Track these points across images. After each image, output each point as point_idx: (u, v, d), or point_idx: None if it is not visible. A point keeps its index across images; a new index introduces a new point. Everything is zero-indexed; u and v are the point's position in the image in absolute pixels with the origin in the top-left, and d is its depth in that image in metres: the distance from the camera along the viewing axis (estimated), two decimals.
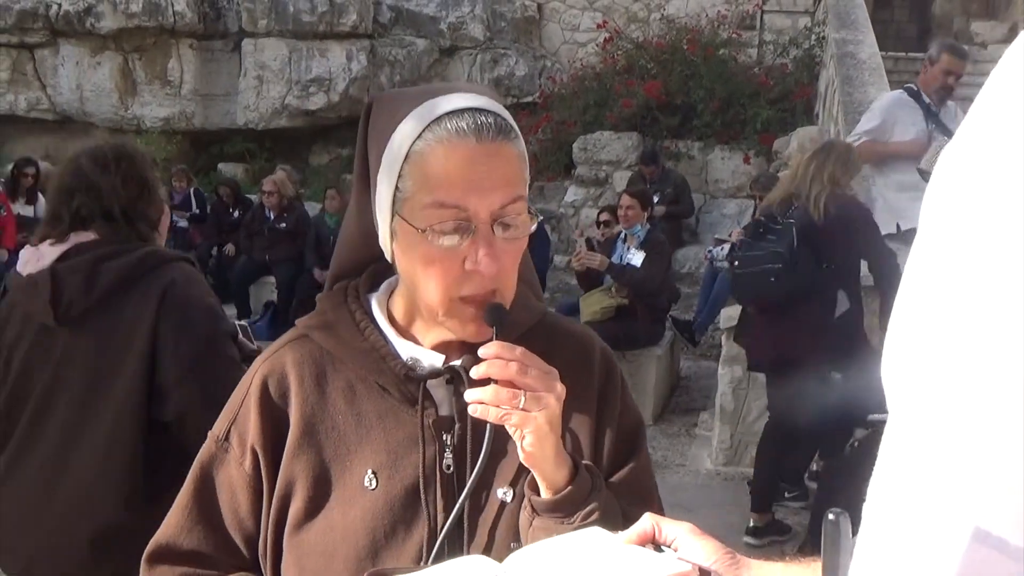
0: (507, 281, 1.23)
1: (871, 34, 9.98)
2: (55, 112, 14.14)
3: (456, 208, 1.17)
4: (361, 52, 13.72)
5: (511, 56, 14.18)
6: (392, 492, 1.24)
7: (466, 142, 1.18)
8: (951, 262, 0.52)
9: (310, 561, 1.24)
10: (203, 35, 13.85)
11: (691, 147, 11.85)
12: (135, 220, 2.36)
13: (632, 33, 13.39)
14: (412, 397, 1.26)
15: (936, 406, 0.52)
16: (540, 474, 1.19)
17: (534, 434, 1.15)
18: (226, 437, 1.30)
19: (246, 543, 1.30)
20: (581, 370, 1.32)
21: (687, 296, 9.04)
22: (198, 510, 1.30)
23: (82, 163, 2.35)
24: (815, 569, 1.00)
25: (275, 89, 13.62)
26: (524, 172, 1.24)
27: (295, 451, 1.26)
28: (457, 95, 1.22)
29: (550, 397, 1.15)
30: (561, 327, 1.39)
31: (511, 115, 1.26)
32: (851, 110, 8.08)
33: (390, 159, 1.22)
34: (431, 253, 1.19)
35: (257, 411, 1.28)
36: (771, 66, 12.54)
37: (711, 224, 10.93)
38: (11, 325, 2.32)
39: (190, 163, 13.25)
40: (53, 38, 13.90)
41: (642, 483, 1.33)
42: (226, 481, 1.30)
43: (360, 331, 1.30)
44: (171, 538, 1.31)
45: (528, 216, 1.22)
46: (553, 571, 1.05)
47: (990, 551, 0.50)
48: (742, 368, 6.10)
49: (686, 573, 1.04)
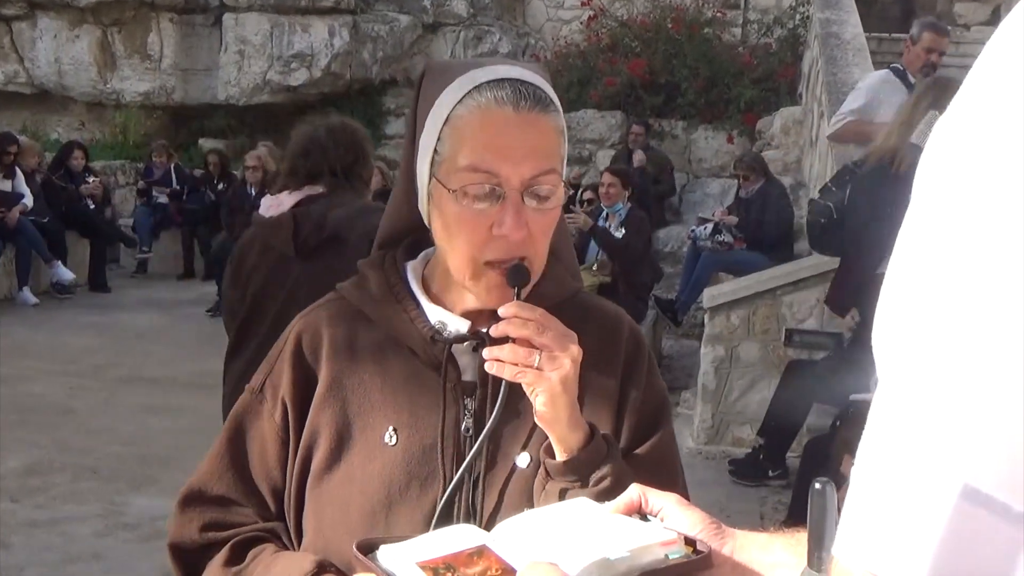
0: (536, 250, 1.25)
1: (855, 14, 9.97)
2: (33, 86, 13.96)
3: (488, 173, 1.21)
4: (343, 28, 13.60)
5: (495, 33, 14.09)
6: (410, 450, 1.27)
7: (503, 110, 1.22)
8: (944, 232, 0.53)
9: (328, 511, 1.28)
10: (183, 9, 13.69)
11: (674, 126, 11.85)
12: (352, 179, 2.99)
13: (616, 11, 13.33)
14: (437, 360, 1.30)
15: (927, 368, 0.53)
16: (554, 436, 1.22)
17: (547, 393, 1.17)
18: (261, 389, 1.36)
19: (272, 494, 1.34)
20: (608, 345, 1.35)
21: (669, 275, 9.05)
22: (229, 458, 1.35)
23: (319, 132, 3.00)
24: (799, 539, 1.02)
25: (256, 64, 13.49)
26: (560, 147, 1.27)
27: (321, 404, 1.31)
28: (503, 66, 1.27)
29: (565, 358, 1.17)
30: (593, 304, 1.42)
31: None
32: (835, 90, 8.07)
33: (432, 123, 1.26)
34: (461, 215, 1.23)
35: (290, 365, 1.33)
36: (755, 45, 12.54)
37: (694, 203, 10.93)
38: (250, 256, 2.93)
39: (170, 138, 13.12)
40: (31, 10, 13.71)
41: (664, 459, 1.34)
42: (258, 433, 1.34)
43: (393, 294, 1.34)
44: (202, 484, 1.36)
45: (562, 190, 1.26)
46: (540, 540, 1.06)
47: (978, 508, 0.50)
48: (724, 347, 6.12)
49: (672, 542, 1.05)
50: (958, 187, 0.54)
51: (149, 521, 4.72)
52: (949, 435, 0.52)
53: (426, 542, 1.11)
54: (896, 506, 0.53)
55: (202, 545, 1.34)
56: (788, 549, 1.05)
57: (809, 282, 6.17)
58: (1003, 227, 0.51)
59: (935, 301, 0.53)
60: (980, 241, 0.52)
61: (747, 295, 6.18)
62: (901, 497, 0.53)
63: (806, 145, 10.13)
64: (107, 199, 11.68)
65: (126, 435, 6.05)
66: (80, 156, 11.31)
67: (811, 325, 6.05)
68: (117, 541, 4.56)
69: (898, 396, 0.55)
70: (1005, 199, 0.51)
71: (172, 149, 12.41)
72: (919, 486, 0.52)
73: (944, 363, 0.52)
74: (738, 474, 5.54)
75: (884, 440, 0.55)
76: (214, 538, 1.34)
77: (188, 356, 8.05)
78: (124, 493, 5.10)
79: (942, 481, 0.52)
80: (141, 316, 9.53)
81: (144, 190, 11.97)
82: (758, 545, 1.09)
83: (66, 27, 13.73)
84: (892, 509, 0.54)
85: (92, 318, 9.30)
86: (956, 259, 0.53)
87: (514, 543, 1.07)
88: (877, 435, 0.56)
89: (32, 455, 5.55)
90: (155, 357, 8.01)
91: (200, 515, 1.35)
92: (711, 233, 8.43)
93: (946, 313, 0.53)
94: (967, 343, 0.52)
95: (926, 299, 0.54)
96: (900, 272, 0.56)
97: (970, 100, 0.56)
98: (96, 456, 5.62)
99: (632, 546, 1.03)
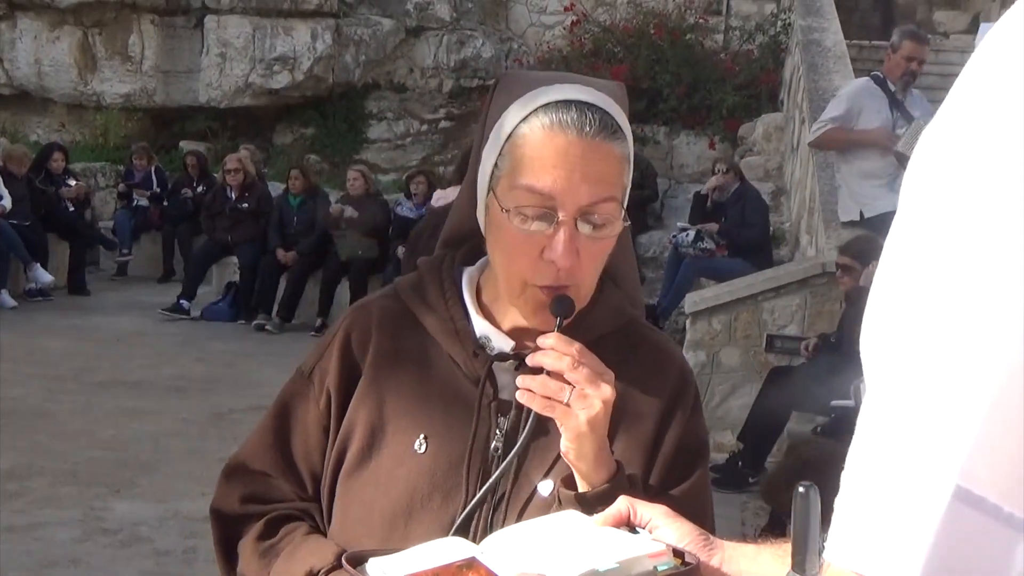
0: (584, 278, 1.23)
1: (836, 21, 10.04)
2: (12, 87, 13.85)
3: (544, 195, 1.19)
4: (326, 31, 13.56)
5: (477, 38, 14.09)
6: (438, 460, 1.27)
7: (566, 133, 1.20)
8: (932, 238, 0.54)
9: (352, 508, 1.30)
10: (165, 11, 13.62)
11: (657, 132, 11.88)
12: None
13: (599, 16, 13.37)
14: (477, 375, 1.29)
15: (916, 372, 0.53)
16: (577, 472, 1.20)
17: (573, 431, 1.16)
18: (310, 375, 1.37)
19: (311, 477, 1.36)
20: (652, 383, 1.32)
21: (651, 280, 9.07)
22: (273, 436, 1.38)
23: None
24: (787, 551, 1.02)
25: (238, 67, 13.44)
26: (624, 175, 1.25)
27: (360, 400, 1.32)
28: (573, 86, 1.25)
29: (596, 398, 1.15)
30: (646, 337, 1.39)
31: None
32: (816, 97, 8.12)
33: (496, 136, 1.26)
34: (512, 235, 1.22)
35: (338, 355, 1.34)
36: (737, 52, 12.59)
37: (676, 209, 10.96)
38: (421, 240, 3.38)
39: (151, 141, 13.04)
40: (10, 11, 13.60)
41: (697, 503, 1.30)
42: (303, 416, 1.36)
43: (444, 300, 1.33)
44: (247, 457, 1.40)
45: (620, 221, 1.23)
46: (529, 552, 1.06)
47: (970, 510, 0.51)
48: (706, 353, 6.14)
49: (660, 554, 1.05)
50: (946, 194, 0.54)
51: (129, 526, 4.69)
52: (940, 438, 0.52)
53: (416, 555, 1.11)
54: (888, 508, 0.54)
55: (241, 515, 1.38)
56: (776, 560, 1.06)
57: (790, 288, 6.20)
58: (992, 232, 0.51)
59: (925, 306, 0.54)
60: (969, 247, 0.52)
61: (729, 300, 6.21)
62: (893, 499, 0.54)
63: (787, 151, 10.18)
64: (87, 201, 11.60)
65: (105, 439, 6.01)
66: (60, 158, 11.22)
67: (792, 331, 6.08)
68: (96, 546, 4.52)
69: (888, 401, 0.55)
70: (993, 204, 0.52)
71: (153, 151, 12.34)
72: (911, 488, 0.53)
73: (934, 367, 0.53)
74: (718, 482, 5.56)
75: (875, 444, 0.56)
76: (253, 510, 1.37)
77: (168, 359, 8.01)
78: (103, 498, 5.06)
79: (934, 483, 0.52)
80: (121, 319, 9.47)
81: (124, 193, 11.90)
82: (747, 556, 1.10)
83: (46, 28, 13.63)
84: (884, 512, 0.54)
85: (71, 321, 9.24)
86: (945, 265, 0.53)
87: (504, 555, 1.07)
88: (867, 439, 0.56)
89: (10, 459, 5.50)
90: (135, 360, 7.96)
91: (242, 486, 1.39)
92: (694, 240, 8.46)
93: (936, 318, 0.53)
94: (956, 347, 0.52)
95: (915, 304, 0.54)
96: (888, 278, 0.57)
97: (956, 110, 0.56)
98: (75, 460, 5.58)
99: (621, 558, 1.03)
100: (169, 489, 5.12)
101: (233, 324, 9.58)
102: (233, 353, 8.29)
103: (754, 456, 5.55)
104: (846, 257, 5.39)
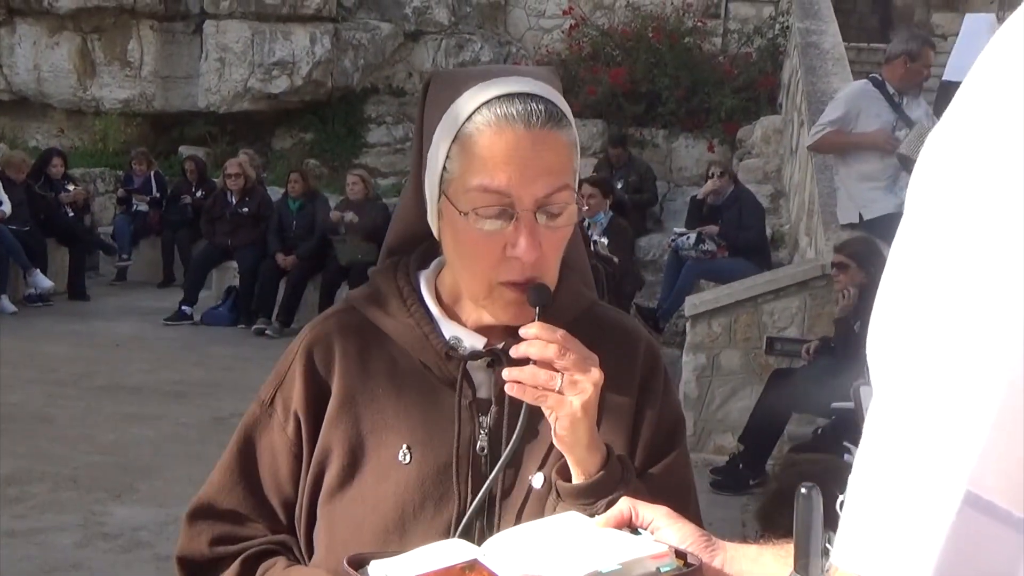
0: (548, 269, 1.23)
1: (834, 24, 10.05)
2: (11, 92, 13.85)
3: (499, 194, 1.18)
4: (325, 35, 13.57)
5: (476, 42, 14.10)
6: (425, 469, 1.25)
7: (514, 128, 1.19)
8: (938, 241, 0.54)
9: (339, 529, 1.26)
10: (164, 16, 13.62)
11: (655, 135, 11.88)
12: None
13: (598, 20, 13.37)
14: (452, 377, 1.27)
15: (925, 376, 0.53)
16: (572, 459, 1.20)
17: (568, 418, 1.15)
18: (271, 402, 1.33)
19: (283, 508, 1.32)
20: (624, 362, 1.32)
21: (650, 284, 9.07)
22: (239, 472, 1.33)
23: None
24: (789, 551, 1.02)
25: (237, 72, 13.44)
26: (573, 161, 1.25)
27: (334, 420, 1.28)
28: (512, 78, 1.24)
29: (587, 382, 1.15)
30: (608, 318, 1.39)
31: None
32: (815, 99, 8.13)
33: (440, 138, 1.23)
34: (473, 236, 1.20)
35: (302, 378, 1.30)
36: (736, 55, 12.59)
37: (675, 212, 10.96)
38: None
39: (150, 146, 13.04)
40: (9, 17, 13.61)
41: (677, 480, 1.32)
42: (268, 446, 1.32)
43: (406, 307, 1.30)
44: (212, 497, 1.34)
45: (575, 206, 1.24)
46: (531, 554, 1.06)
47: (980, 515, 0.51)
48: (706, 355, 6.13)
49: (662, 555, 1.05)
50: (952, 198, 0.54)
51: (129, 531, 4.69)
52: (950, 442, 0.52)
53: (417, 557, 1.10)
54: (897, 513, 0.53)
55: (211, 559, 1.33)
56: (779, 561, 1.06)
57: (790, 290, 6.20)
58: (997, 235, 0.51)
59: (931, 310, 0.54)
60: (975, 250, 0.52)
61: (729, 303, 6.21)
62: (902, 504, 0.53)
63: (786, 154, 10.19)
64: (87, 207, 11.61)
65: (106, 444, 6.00)
66: (59, 164, 11.22)
67: (792, 333, 6.08)
68: (97, 551, 4.52)
69: (896, 404, 0.55)
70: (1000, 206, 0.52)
71: (152, 157, 12.35)
72: (921, 493, 0.53)
73: (941, 371, 0.53)
74: (719, 484, 5.56)
75: (883, 448, 0.55)
76: (224, 552, 1.32)
77: (168, 364, 8.01)
78: (104, 503, 5.06)
79: (944, 488, 0.52)
80: (120, 324, 9.47)
81: (124, 198, 11.90)
82: (749, 557, 1.10)
83: (45, 34, 13.64)
84: (893, 516, 0.54)
85: (71, 326, 9.24)
86: (952, 268, 0.53)
87: (505, 557, 1.07)
88: (875, 443, 0.56)
89: (10, 464, 5.50)
90: (134, 365, 7.96)
91: (210, 529, 1.33)
92: (695, 243, 8.47)
93: (943, 321, 0.53)
94: (964, 351, 0.52)
95: (922, 309, 0.54)
96: (895, 282, 0.57)
97: (962, 113, 0.56)
98: (75, 465, 5.58)
99: (623, 559, 1.03)
100: (169, 494, 5.11)
101: (233, 328, 9.58)
102: (233, 357, 8.29)
103: (755, 458, 5.55)
104: (842, 256, 5.41)
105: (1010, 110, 0.53)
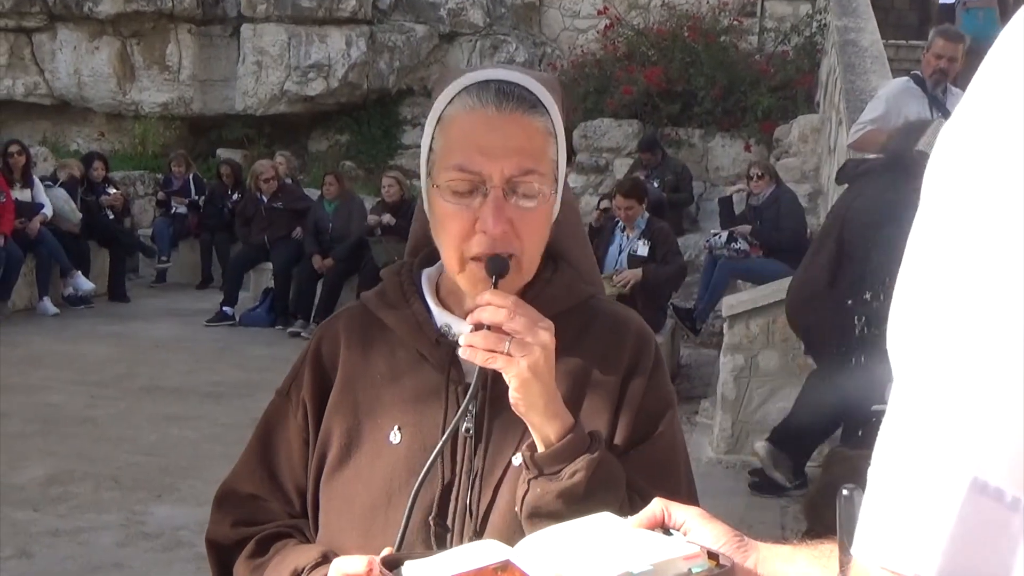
0: (524, 248, 1.28)
1: (873, 21, 9.95)
2: (53, 97, 14.07)
3: (471, 171, 1.26)
4: (360, 38, 13.65)
5: (511, 42, 14.11)
6: (413, 448, 1.32)
7: (486, 109, 1.27)
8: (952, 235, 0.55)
9: (334, 505, 1.35)
10: (202, 20, 13.78)
11: (691, 134, 11.82)
12: None
13: (633, 20, 13.34)
14: (444, 362, 1.34)
15: (936, 366, 0.54)
16: (531, 426, 1.24)
17: (517, 379, 1.19)
18: (287, 393, 1.44)
19: (298, 492, 1.41)
20: (612, 344, 1.37)
21: (687, 284, 9.02)
22: (259, 458, 1.44)
23: None
24: (823, 551, 1.03)
25: (274, 75, 13.56)
26: (549, 148, 1.31)
27: (335, 405, 1.38)
28: (496, 70, 1.33)
29: (535, 345, 1.19)
30: (604, 308, 1.43)
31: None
32: (853, 98, 8.05)
33: (428, 124, 1.33)
34: (446, 210, 1.28)
35: (310, 368, 1.41)
36: (772, 53, 12.51)
37: (711, 212, 10.89)
38: None
39: (189, 149, 13.20)
40: (51, 22, 13.82)
41: (663, 460, 1.35)
42: (285, 434, 1.42)
43: (406, 299, 1.39)
44: (235, 482, 1.46)
45: (548, 190, 1.29)
46: (563, 554, 1.07)
47: (988, 501, 0.52)
48: (744, 356, 6.09)
49: (695, 556, 1.05)
50: (966, 191, 0.55)
51: (170, 531, 4.73)
52: (959, 430, 0.53)
53: (450, 557, 1.12)
54: (907, 501, 0.55)
55: (234, 540, 1.42)
56: (812, 561, 1.04)
57: None
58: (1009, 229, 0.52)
59: (944, 302, 0.54)
60: (988, 243, 0.53)
61: (766, 304, 6.15)
62: (912, 492, 0.54)
63: (824, 153, 10.10)
64: (126, 209, 11.75)
65: (146, 444, 6.07)
66: (100, 167, 11.38)
67: None
68: (138, 550, 4.57)
69: (910, 394, 0.56)
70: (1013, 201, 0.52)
71: (191, 159, 12.48)
72: (930, 481, 0.54)
73: (953, 360, 0.53)
74: (757, 486, 5.51)
75: (894, 439, 0.56)
76: (245, 533, 1.41)
77: (207, 366, 8.09)
78: (145, 502, 5.11)
79: (952, 475, 0.53)
80: (160, 326, 9.58)
81: (163, 200, 12.05)
82: (782, 558, 1.08)
83: (86, 39, 13.84)
84: (903, 504, 0.55)
85: (111, 328, 9.35)
86: (965, 261, 0.54)
87: (538, 558, 1.08)
88: (889, 435, 0.57)
89: (53, 465, 5.58)
90: (174, 367, 8.04)
91: (232, 512, 1.43)
92: (726, 242, 8.42)
93: (955, 313, 0.54)
94: (976, 341, 0.53)
95: (936, 300, 0.55)
96: (911, 275, 0.58)
97: (976, 105, 0.57)
98: (116, 465, 5.65)
99: (655, 560, 1.03)
100: (209, 494, 5.07)
101: (271, 329, 9.66)
102: (270, 358, 8.35)
103: (794, 460, 5.50)
104: None
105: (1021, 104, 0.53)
